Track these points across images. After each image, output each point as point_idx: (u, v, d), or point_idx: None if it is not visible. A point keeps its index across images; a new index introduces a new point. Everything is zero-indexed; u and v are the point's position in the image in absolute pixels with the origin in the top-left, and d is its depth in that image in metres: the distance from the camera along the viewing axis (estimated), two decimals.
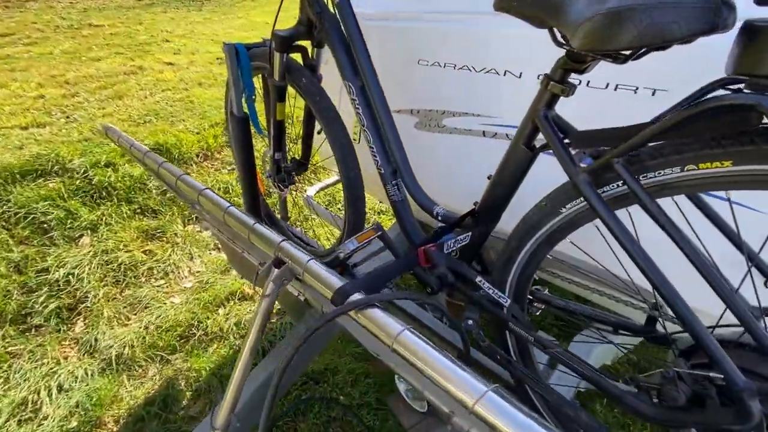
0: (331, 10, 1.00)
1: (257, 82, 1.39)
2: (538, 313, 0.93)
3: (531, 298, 0.87)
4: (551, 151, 0.66)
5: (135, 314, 1.82)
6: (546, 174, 0.70)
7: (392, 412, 1.38)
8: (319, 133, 1.19)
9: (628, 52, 0.51)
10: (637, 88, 0.88)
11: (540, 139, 0.70)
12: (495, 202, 0.80)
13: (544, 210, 0.71)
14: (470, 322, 0.89)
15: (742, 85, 0.46)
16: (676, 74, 0.82)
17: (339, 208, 2.48)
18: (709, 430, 0.58)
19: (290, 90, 1.22)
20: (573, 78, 0.64)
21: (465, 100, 1.24)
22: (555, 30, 0.59)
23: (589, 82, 0.91)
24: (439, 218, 0.92)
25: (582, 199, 0.65)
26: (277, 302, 0.84)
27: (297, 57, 1.20)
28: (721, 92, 0.46)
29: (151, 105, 3.19)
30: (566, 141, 0.65)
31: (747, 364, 0.57)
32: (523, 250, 0.78)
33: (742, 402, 0.53)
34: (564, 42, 0.59)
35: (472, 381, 0.47)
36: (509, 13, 0.64)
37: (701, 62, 0.62)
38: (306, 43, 1.18)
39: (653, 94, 0.87)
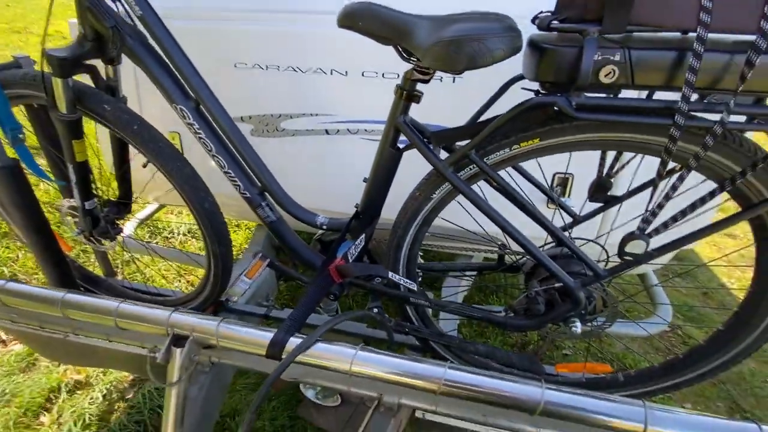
0: (129, 21, 0.81)
1: (18, 114, 1.03)
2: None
3: (418, 270, 1.01)
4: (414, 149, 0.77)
5: None
6: None
7: (306, 420, 1.38)
8: (144, 166, 0.99)
9: None
10: (442, 78, 1.10)
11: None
12: (375, 201, 0.87)
13: (419, 199, 0.83)
14: (375, 309, 0.97)
15: (537, 86, 0.65)
16: None
17: (168, 237, 2.13)
18: (559, 321, 0.85)
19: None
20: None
21: (299, 101, 1.24)
22: (399, 47, 0.67)
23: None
24: (325, 227, 0.93)
25: (448, 184, 0.79)
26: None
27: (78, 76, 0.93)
28: (529, 95, 0.63)
29: None
30: (426, 140, 0.76)
31: (567, 268, 0.84)
32: (408, 235, 0.89)
33: (573, 295, 0.79)
34: (409, 57, 0.67)
35: (433, 368, 0.54)
36: (353, 30, 0.69)
37: None
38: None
39: (453, 82, 1.10)
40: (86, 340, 0.85)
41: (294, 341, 0.59)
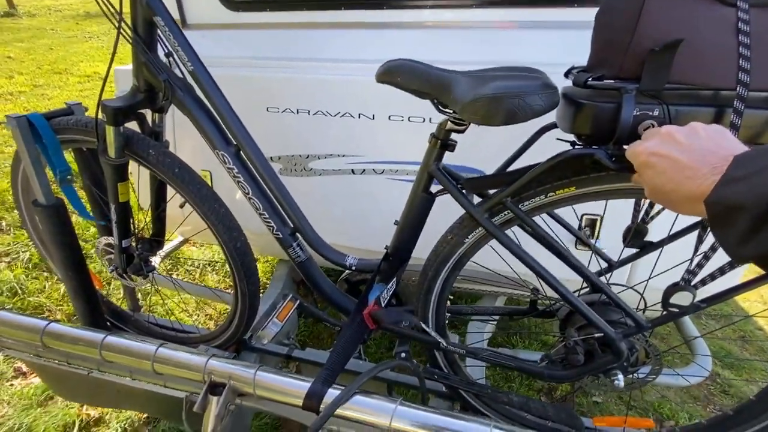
0: (178, 73, 0.87)
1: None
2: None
3: (447, 313, 0.99)
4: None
5: None
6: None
7: None
8: (182, 206, 1.02)
9: None
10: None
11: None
12: (406, 244, 0.87)
13: (452, 242, 0.83)
14: (403, 354, 0.95)
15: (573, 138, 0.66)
16: None
17: (189, 270, 2.15)
18: (599, 373, 0.81)
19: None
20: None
21: (327, 143, 1.28)
22: (436, 100, 0.70)
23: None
24: (354, 268, 0.93)
25: (481, 228, 0.79)
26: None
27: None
28: (566, 146, 0.65)
29: None
30: (459, 185, 0.77)
31: (605, 316, 0.82)
32: (439, 278, 0.88)
33: (615, 346, 0.76)
34: (445, 110, 0.70)
35: (479, 427, 0.52)
36: (392, 86, 0.72)
37: None
38: None
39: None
40: (109, 377, 0.84)
41: (331, 392, 0.58)
